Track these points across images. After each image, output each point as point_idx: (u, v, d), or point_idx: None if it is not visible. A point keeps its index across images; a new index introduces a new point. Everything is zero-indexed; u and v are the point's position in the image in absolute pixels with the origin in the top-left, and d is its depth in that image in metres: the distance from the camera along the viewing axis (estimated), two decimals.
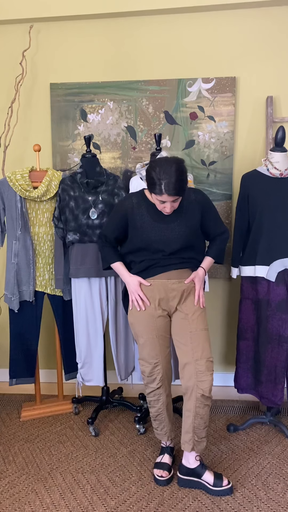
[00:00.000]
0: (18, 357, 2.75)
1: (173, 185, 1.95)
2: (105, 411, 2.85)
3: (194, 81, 2.82)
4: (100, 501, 2.04)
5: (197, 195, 2.21)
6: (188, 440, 2.11)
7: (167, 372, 2.18)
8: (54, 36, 2.91)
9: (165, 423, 2.23)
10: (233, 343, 3.07)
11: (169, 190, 1.96)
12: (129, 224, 2.18)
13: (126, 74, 2.89)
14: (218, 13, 2.78)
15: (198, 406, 2.06)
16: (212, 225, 2.26)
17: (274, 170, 2.38)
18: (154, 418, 2.23)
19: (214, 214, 2.27)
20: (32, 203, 2.61)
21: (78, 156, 2.97)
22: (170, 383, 2.22)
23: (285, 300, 2.41)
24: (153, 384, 2.16)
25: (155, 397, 2.18)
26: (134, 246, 2.19)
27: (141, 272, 2.20)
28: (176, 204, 2.07)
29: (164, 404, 2.19)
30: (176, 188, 1.96)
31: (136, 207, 2.17)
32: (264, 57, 2.79)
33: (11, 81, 2.97)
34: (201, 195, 2.23)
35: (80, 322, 2.60)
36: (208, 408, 2.08)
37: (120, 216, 2.20)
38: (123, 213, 2.19)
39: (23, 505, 2.03)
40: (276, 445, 2.45)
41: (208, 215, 2.24)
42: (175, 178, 1.95)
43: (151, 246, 2.15)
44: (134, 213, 2.16)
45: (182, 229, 2.13)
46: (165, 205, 2.04)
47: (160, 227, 2.13)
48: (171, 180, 1.94)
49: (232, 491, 2.06)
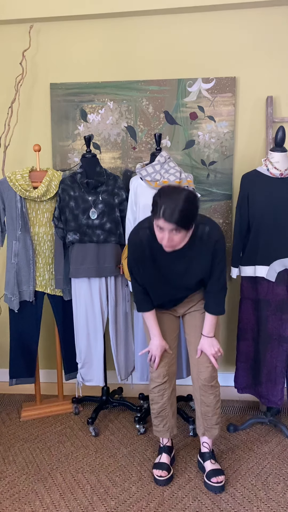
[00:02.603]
0: (18, 357, 2.75)
1: (173, 212, 1.73)
2: (105, 411, 2.85)
3: (194, 81, 2.82)
4: (100, 501, 2.04)
5: (211, 235, 1.98)
6: (199, 425, 2.23)
7: (173, 366, 2.23)
8: (54, 36, 2.91)
9: (168, 419, 2.24)
10: (233, 343, 3.07)
11: (167, 215, 1.74)
12: (138, 261, 2.07)
13: (126, 74, 2.89)
14: (218, 13, 2.78)
15: (202, 394, 2.16)
16: (215, 276, 2.08)
17: (274, 170, 2.38)
18: (156, 415, 2.24)
19: (221, 266, 2.06)
20: (32, 203, 2.61)
21: (78, 156, 2.97)
22: (174, 378, 2.26)
23: (285, 300, 2.41)
24: (159, 379, 2.18)
25: (159, 392, 2.19)
26: (144, 282, 2.12)
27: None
28: (177, 239, 1.83)
29: (169, 399, 2.21)
30: (177, 216, 1.74)
31: (146, 243, 2.02)
32: (264, 57, 2.79)
33: (11, 81, 2.97)
34: (216, 235, 1.99)
35: (80, 322, 2.60)
36: (214, 397, 2.16)
37: (133, 257, 2.07)
38: (134, 254, 2.05)
39: (23, 505, 2.03)
40: (276, 445, 2.45)
41: (214, 262, 2.04)
42: (179, 206, 1.74)
43: (159, 283, 2.09)
44: (144, 248, 2.03)
45: (193, 269, 2.03)
46: (163, 235, 1.81)
47: (169, 265, 2.03)
48: (173, 206, 1.74)
49: (220, 490, 2.08)
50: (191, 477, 2.20)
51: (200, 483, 2.15)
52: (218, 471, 2.13)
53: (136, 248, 2.04)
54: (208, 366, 2.15)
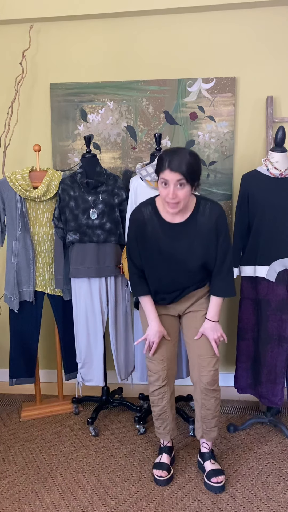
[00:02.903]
0: (18, 357, 2.75)
1: (178, 161, 1.82)
2: (105, 411, 2.85)
3: (194, 81, 2.82)
4: (100, 501, 2.04)
5: (213, 210, 2.02)
6: (198, 428, 2.22)
7: (172, 370, 2.20)
8: (54, 36, 2.91)
9: (168, 422, 2.24)
10: (233, 343, 3.07)
11: (173, 165, 1.82)
12: (138, 240, 2.07)
13: (126, 74, 2.89)
14: (218, 13, 2.78)
15: (203, 398, 2.13)
16: (219, 259, 2.07)
17: (274, 170, 2.38)
18: (157, 417, 2.23)
19: (224, 247, 2.06)
20: (32, 203, 2.61)
21: (78, 156, 2.97)
22: (174, 381, 2.24)
23: (285, 300, 2.41)
24: (158, 382, 2.17)
25: (159, 395, 2.18)
26: (145, 265, 2.10)
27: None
28: (181, 195, 1.88)
29: (169, 402, 2.20)
30: (183, 167, 1.82)
31: (148, 220, 2.04)
32: (264, 57, 2.79)
33: (11, 81, 2.97)
34: (217, 211, 2.02)
35: (80, 322, 2.60)
36: (214, 400, 2.13)
37: (135, 236, 2.09)
38: (136, 232, 2.07)
39: (23, 505, 2.03)
40: (276, 445, 2.45)
41: (218, 242, 2.04)
42: (185, 159, 1.83)
43: (161, 264, 2.06)
44: (146, 226, 2.05)
45: (196, 248, 2.02)
46: (167, 190, 1.87)
47: (172, 243, 2.02)
48: (179, 158, 1.83)
49: (220, 490, 2.07)
50: (191, 477, 2.20)
51: (200, 483, 2.15)
52: (218, 471, 2.13)
53: (138, 224, 2.05)
54: (210, 371, 2.10)
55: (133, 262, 2.14)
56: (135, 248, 2.10)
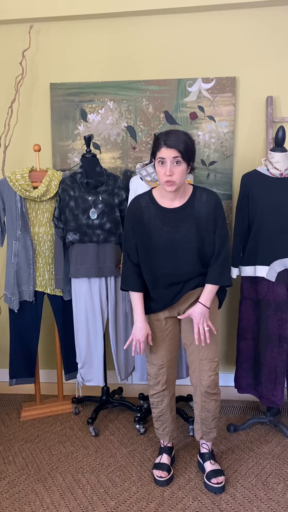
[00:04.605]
0: (18, 357, 2.75)
1: (174, 139, 1.86)
2: (105, 411, 2.85)
3: (194, 81, 2.82)
4: (100, 501, 2.04)
5: (210, 197, 2.02)
6: (198, 429, 2.22)
7: (172, 375, 2.20)
8: (54, 36, 2.91)
9: (168, 424, 2.24)
10: (233, 343, 3.07)
11: (169, 142, 1.85)
12: (136, 229, 2.05)
13: (126, 74, 2.89)
14: (218, 13, 2.78)
15: (203, 400, 2.13)
16: (216, 249, 2.04)
17: (274, 170, 2.38)
18: (156, 419, 2.24)
19: (221, 237, 2.04)
20: (32, 203, 2.61)
21: (78, 156, 2.97)
22: (174, 384, 2.23)
23: (285, 300, 2.41)
24: (157, 386, 2.16)
25: (159, 398, 2.18)
26: (142, 256, 2.06)
27: (149, 306, 2.13)
28: (178, 173, 1.89)
29: (168, 405, 2.20)
30: (177, 142, 1.86)
31: (145, 208, 2.04)
32: (264, 57, 2.79)
33: (11, 81, 2.97)
34: (214, 198, 2.03)
35: (80, 322, 2.60)
36: (215, 403, 2.13)
37: (131, 225, 2.06)
38: (133, 221, 2.05)
39: (23, 505, 2.03)
40: (276, 445, 2.45)
41: (215, 230, 2.03)
42: (181, 138, 1.87)
43: (158, 253, 2.02)
44: (143, 214, 2.04)
45: (193, 234, 1.99)
46: (164, 169, 1.88)
47: (169, 229, 2.00)
48: (175, 136, 1.87)
49: (220, 491, 2.07)
50: (191, 477, 2.20)
51: (200, 483, 2.15)
52: (218, 472, 2.13)
53: (134, 213, 2.05)
54: (211, 375, 2.08)
55: (128, 254, 2.10)
56: (132, 238, 2.06)
